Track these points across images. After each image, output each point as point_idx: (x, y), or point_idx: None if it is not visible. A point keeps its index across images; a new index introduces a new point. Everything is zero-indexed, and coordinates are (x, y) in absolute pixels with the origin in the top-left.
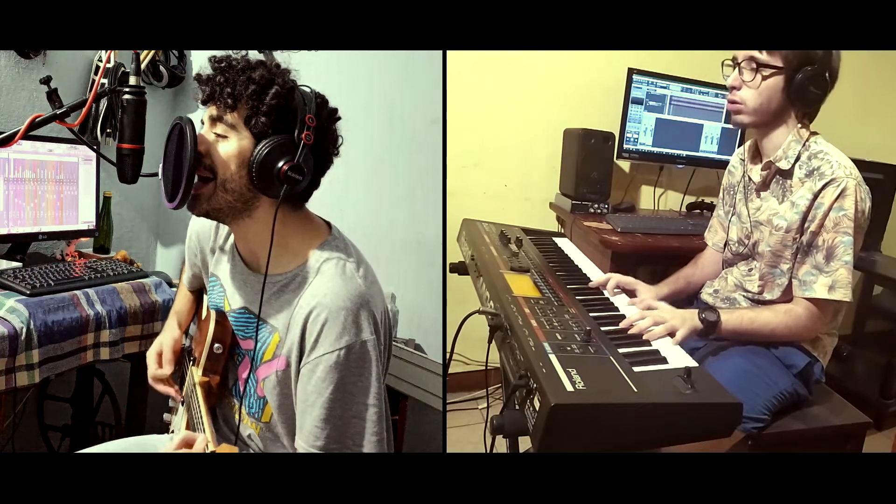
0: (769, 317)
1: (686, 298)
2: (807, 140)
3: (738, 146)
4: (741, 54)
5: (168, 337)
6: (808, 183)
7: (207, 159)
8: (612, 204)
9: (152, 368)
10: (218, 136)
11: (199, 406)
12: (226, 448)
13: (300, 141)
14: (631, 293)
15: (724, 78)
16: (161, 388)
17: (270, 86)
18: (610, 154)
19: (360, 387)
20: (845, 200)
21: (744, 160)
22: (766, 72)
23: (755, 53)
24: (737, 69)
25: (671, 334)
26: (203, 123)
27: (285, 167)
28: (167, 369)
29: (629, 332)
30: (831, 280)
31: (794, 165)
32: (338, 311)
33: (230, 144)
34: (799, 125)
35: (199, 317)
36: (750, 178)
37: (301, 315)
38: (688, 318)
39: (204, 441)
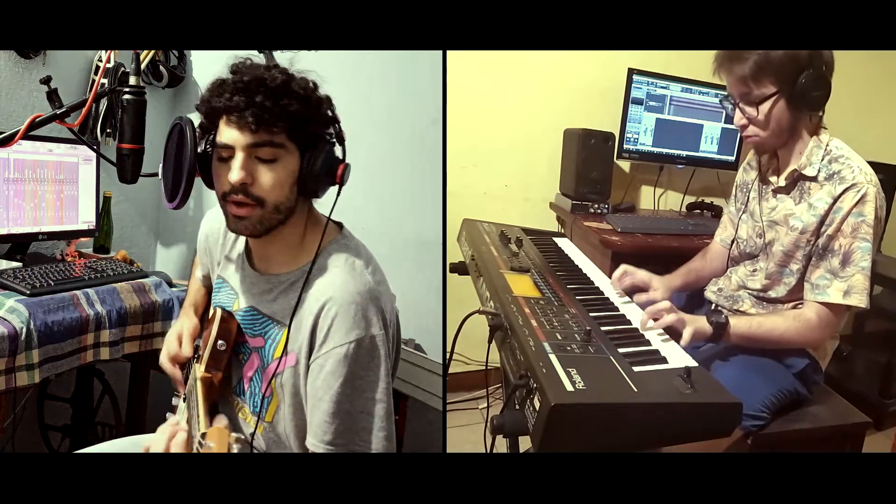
0: (778, 321)
1: (694, 292)
2: (827, 143)
3: (741, 146)
4: (734, 92)
5: (188, 322)
6: (828, 186)
7: (255, 189)
8: (612, 204)
9: (174, 348)
10: (264, 160)
11: (197, 401)
12: (216, 424)
13: (341, 140)
14: (643, 290)
15: (724, 108)
16: (170, 368)
17: (309, 96)
18: (610, 154)
19: (369, 381)
20: (865, 206)
21: (760, 162)
22: (765, 104)
23: (746, 90)
24: (737, 109)
25: (678, 330)
26: (237, 151)
27: (341, 170)
28: (186, 350)
29: (640, 321)
30: (847, 285)
31: (818, 169)
32: (348, 305)
33: (281, 168)
34: (815, 129)
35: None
36: (767, 181)
37: (311, 310)
38: (695, 322)
39: (173, 431)
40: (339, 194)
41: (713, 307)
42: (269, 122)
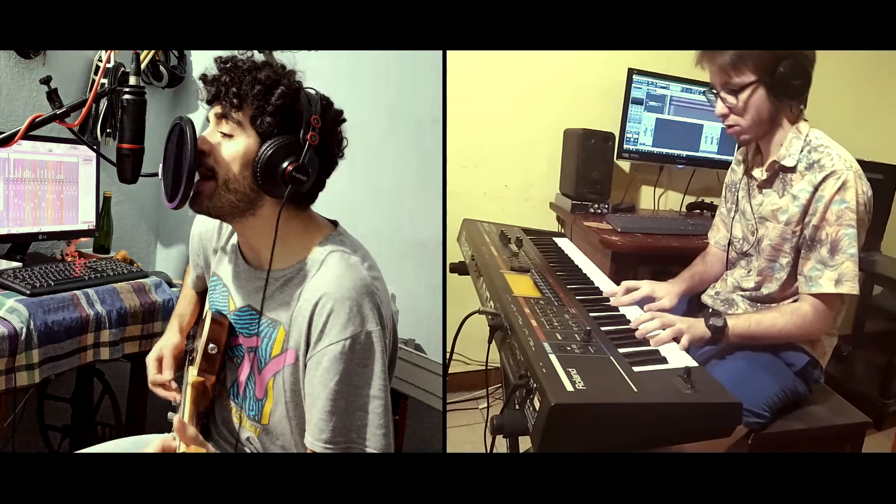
0: (776, 317)
1: (696, 296)
2: (807, 134)
3: (739, 146)
4: (715, 81)
5: (169, 341)
6: (809, 176)
7: (209, 159)
8: (612, 204)
9: (152, 373)
10: (224, 135)
11: (184, 406)
12: (193, 452)
13: (305, 142)
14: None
15: (708, 100)
16: (161, 392)
17: (276, 86)
18: (610, 154)
19: (365, 378)
20: (846, 192)
21: (746, 158)
22: (745, 92)
23: (726, 79)
24: (718, 99)
25: (677, 339)
26: (208, 122)
27: (290, 167)
28: (167, 374)
29: (636, 333)
30: (837, 274)
31: (797, 160)
32: (343, 301)
33: (235, 144)
34: (796, 120)
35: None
36: (752, 176)
37: (307, 306)
38: (695, 325)
39: (159, 447)
40: (286, 195)
41: (710, 311)
42: (223, 97)
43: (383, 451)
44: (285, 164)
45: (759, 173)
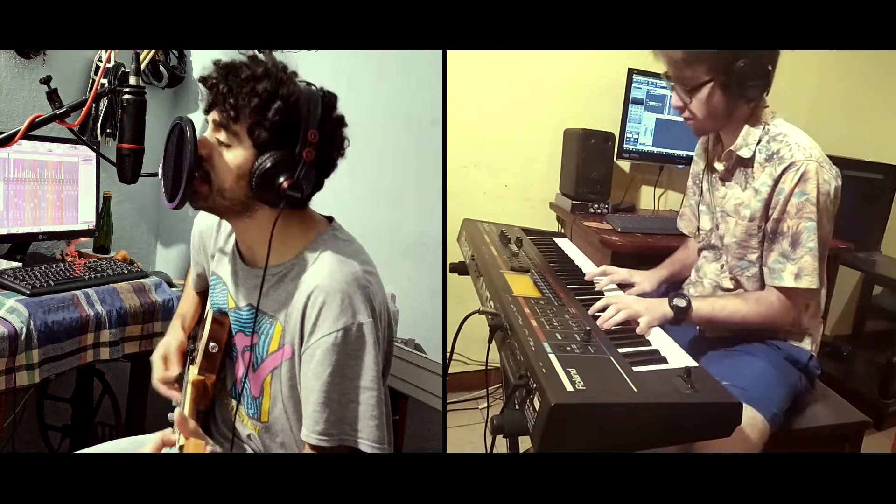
0: (739, 304)
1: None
2: (766, 124)
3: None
4: (672, 75)
5: (172, 339)
6: (769, 168)
7: (207, 164)
8: (612, 204)
9: (159, 371)
10: (220, 142)
11: (184, 404)
12: (193, 444)
13: (300, 158)
14: (629, 287)
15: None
16: (165, 390)
17: (273, 100)
18: (610, 154)
19: (357, 369)
20: (807, 184)
21: (706, 149)
22: (701, 91)
23: (681, 76)
24: (674, 91)
25: (634, 321)
26: (207, 123)
27: (285, 184)
28: (174, 371)
29: (597, 322)
30: (797, 268)
31: (754, 151)
32: (335, 293)
33: (232, 155)
34: (756, 112)
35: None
36: (714, 168)
37: (300, 300)
38: (654, 307)
39: (159, 441)
40: (281, 209)
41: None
42: (220, 106)
43: (377, 442)
44: (280, 180)
45: (719, 164)
